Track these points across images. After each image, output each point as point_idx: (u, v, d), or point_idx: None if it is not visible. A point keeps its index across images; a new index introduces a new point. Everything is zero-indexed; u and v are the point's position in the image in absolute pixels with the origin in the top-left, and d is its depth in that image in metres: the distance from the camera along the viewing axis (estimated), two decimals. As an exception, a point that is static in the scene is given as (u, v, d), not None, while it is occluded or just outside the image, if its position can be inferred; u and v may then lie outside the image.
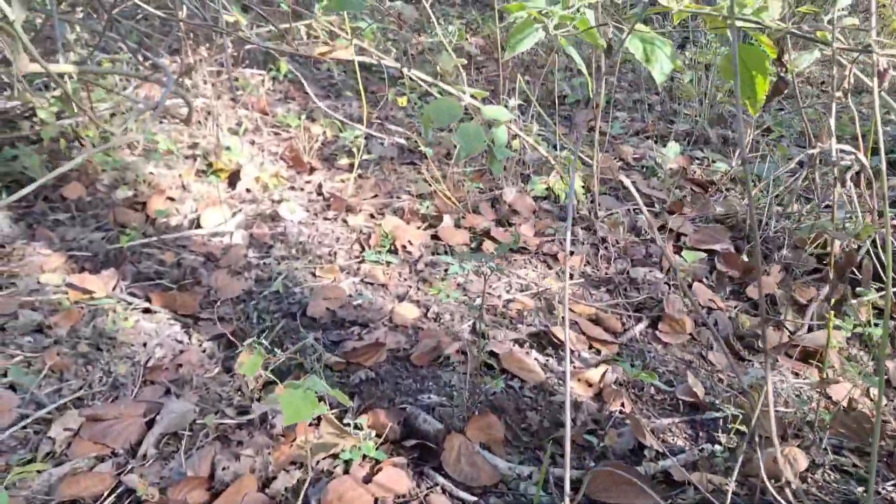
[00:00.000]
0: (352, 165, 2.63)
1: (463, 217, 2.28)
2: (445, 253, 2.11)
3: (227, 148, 2.52)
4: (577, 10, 1.29)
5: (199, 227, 2.21)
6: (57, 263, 1.96)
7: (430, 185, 2.44)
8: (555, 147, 2.64)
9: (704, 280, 1.96)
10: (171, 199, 2.35)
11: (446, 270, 2.00)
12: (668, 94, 3.60)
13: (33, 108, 2.70)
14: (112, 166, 2.35)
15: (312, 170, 2.69)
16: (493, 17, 4.29)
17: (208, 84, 2.94)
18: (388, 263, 2.04)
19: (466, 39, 4.12)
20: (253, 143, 2.87)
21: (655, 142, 3.01)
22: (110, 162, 2.34)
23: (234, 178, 2.52)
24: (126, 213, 2.19)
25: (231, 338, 1.66)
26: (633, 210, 2.35)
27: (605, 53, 1.27)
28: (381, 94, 3.60)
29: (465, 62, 2.82)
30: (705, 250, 2.07)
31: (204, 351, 1.62)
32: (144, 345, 1.63)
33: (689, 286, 1.90)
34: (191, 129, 2.83)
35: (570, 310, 1.82)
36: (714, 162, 2.82)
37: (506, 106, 2.40)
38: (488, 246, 2.12)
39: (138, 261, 2.00)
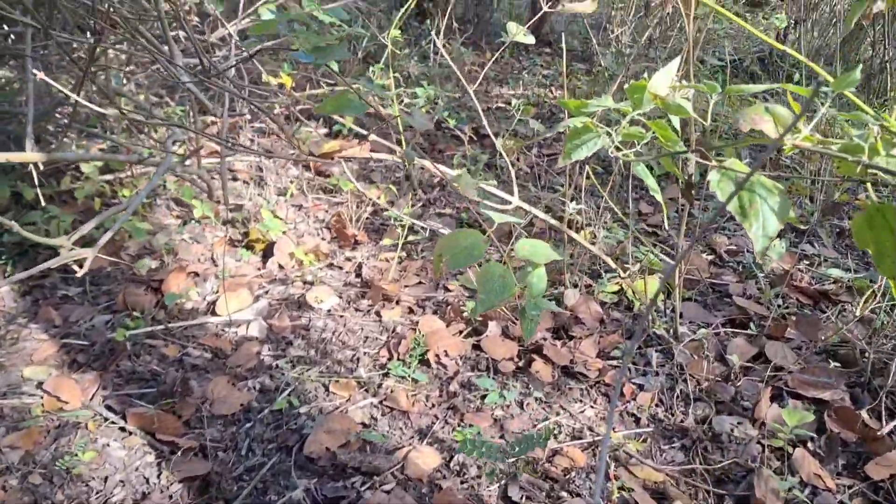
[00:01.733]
0: (399, 244, 2.34)
1: (513, 322, 1.94)
2: (487, 369, 1.77)
3: (264, 221, 2.28)
4: (646, 125, 0.95)
5: (214, 313, 1.97)
6: (48, 352, 1.75)
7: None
8: (623, 240, 2.26)
9: (811, 443, 1.53)
10: (195, 273, 2.12)
11: (483, 397, 1.66)
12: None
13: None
14: (141, 232, 2.15)
15: (357, 243, 2.42)
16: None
17: (256, 141, 2.75)
18: (415, 381, 1.72)
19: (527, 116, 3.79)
20: (300, 207, 2.64)
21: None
22: (137, 229, 2.14)
23: (268, 252, 2.28)
24: (136, 294, 1.97)
25: (206, 481, 1.38)
26: (724, 329, 1.93)
27: (684, 194, 0.92)
28: (450, 154, 3.32)
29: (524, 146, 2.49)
30: (812, 399, 1.64)
31: (170, 497, 1.34)
32: (105, 479, 1.37)
33: (789, 455, 1.48)
34: (237, 190, 2.63)
35: (631, 473, 1.44)
36: (826, 262, 2.35)
37: (571, 200, 2.06)
38: (539, 367, 1.77)
39: (137, 354, 1.76)
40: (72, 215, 2.24)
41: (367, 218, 2.59)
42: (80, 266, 1.29)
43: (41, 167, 1.95)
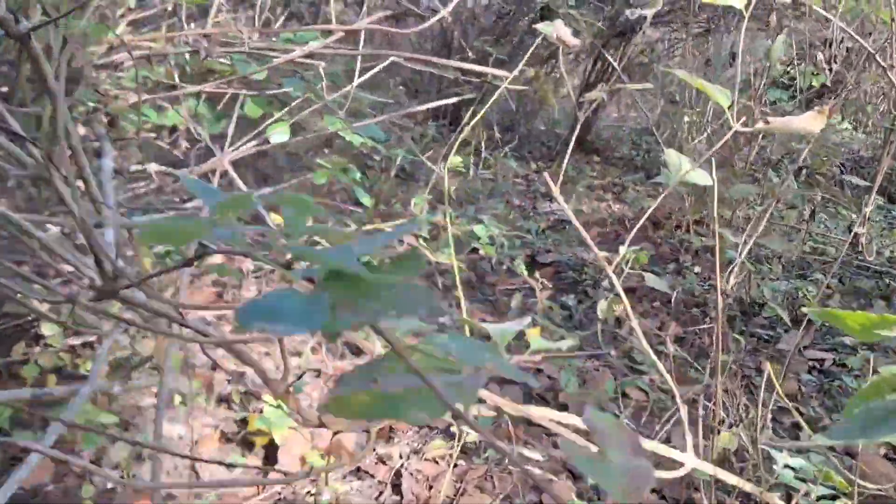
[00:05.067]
0: (451, 437, 1.71)
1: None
2: None
3: (263, 411, 1.67)
4: None
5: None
6: None
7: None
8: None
9: None
10: (170, 496, 1.50)
11: None
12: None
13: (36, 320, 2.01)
14: (91, 440, 1.55)
15: (392, 434, 1.79)
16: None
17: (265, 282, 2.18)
18: None
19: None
20: (318, 374, 2.03)
21: None
22: (88, 437, 1.54)
23: (271, 453, 1.66)
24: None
25: None
26: None
27: None
28: (505, 290, 2.73)
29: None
30: None
31: None
32: None
33: None
34: (246, 347, 2.04)
35: None
36: None
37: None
38: None
39: None
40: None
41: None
42: None
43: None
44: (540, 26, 0.85)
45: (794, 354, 1.56)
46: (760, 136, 3.04)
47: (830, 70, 2.00)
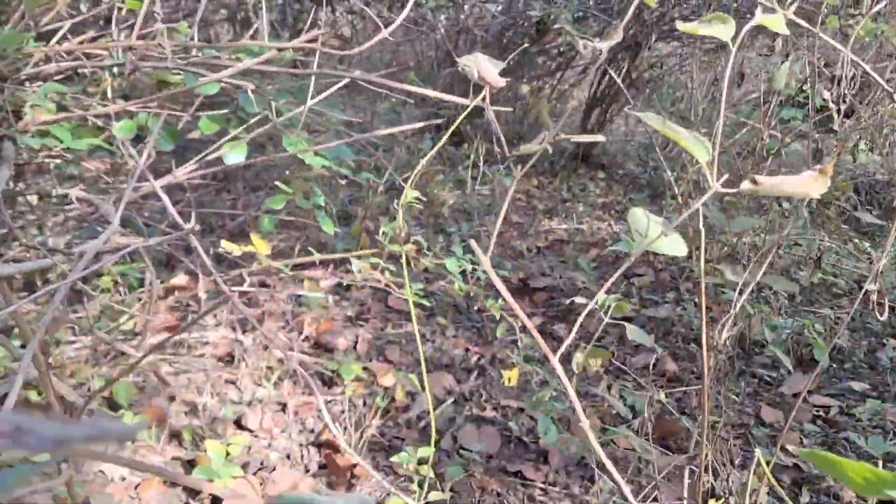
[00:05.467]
0: (421, 474, 1.56)
1: None
2: None
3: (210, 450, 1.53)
4: None
5: None
6: None
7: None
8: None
9: None
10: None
11: None
12: None
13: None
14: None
15: (353, 481, 1.64)
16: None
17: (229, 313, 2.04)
18: None
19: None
20: (283, 407, 1.89)
21: None
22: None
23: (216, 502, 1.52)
24: None
25: None
26: None
27: None
28: (491, 317, 2.58)
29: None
30: None
31: None
32: None
33: None
34: (195, 382, 1.91)
35: None
36: None
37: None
38: None
39: None
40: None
41: (376, 428, 1.83)
42: None
43: None
44: (462, 60, 0.71)
45: (797, 404, 1.41)
46: (769, 159, 2.88)
47: (839, 111, 1.84)
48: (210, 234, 2.77)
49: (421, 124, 1.42)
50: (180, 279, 2.05)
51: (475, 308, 2.53)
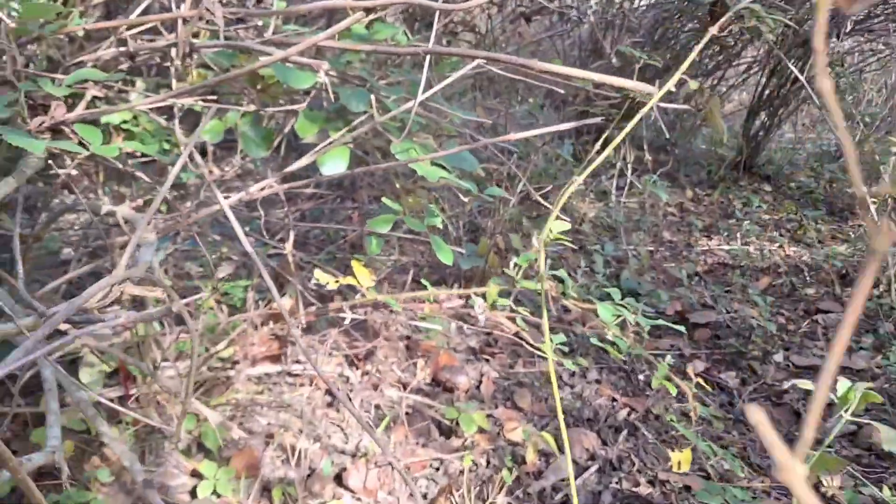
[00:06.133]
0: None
1: None
2: None
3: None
4: None
5: None
6: None
7: None
8: None
9: None
10: None
11: None
12: None
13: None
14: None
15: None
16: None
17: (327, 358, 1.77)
18: None
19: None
20: (389, 465, 1.59)
21: None
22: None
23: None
24: None
25: None
26: None
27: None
28: (652, 354, 2.17)
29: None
30: None
31: None
32: None
33: None
34: (287, 423, 1.65)
35: None
36: None
37: None
38: None
39: None
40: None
41: (503, 499, 1.48)
42: None
43: None
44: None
45: None
46: None
47: None
48: (329, 244, 2.54)
49: (573, 124, 1.07)
50: (285, 302, 1.81)
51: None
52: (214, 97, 1.05)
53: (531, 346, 1.54)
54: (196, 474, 1.46)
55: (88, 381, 1.58)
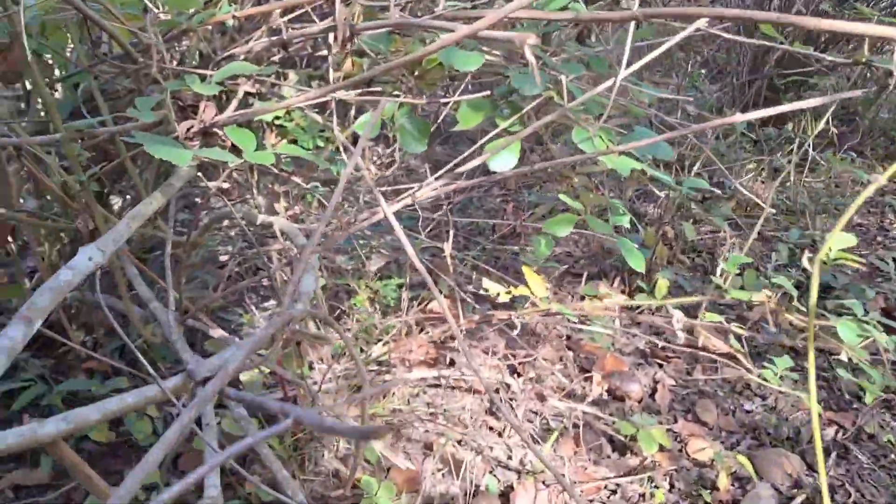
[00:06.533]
0: None
1: None
2: None
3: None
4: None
5: None
6: None
7: None
8: None
9: None
10: None
11: None
12: None
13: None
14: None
15: None
16: None
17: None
18: None
19: None
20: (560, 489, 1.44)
21: None
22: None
23: None
24: None
25: None
26: None
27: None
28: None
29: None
30: None
31: None
32: None
33: None
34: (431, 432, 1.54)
35: None
36: None
37: None
38: None
39: None
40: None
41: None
42: None
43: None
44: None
45: None
46: None
47: None
48: (480, 237, 2.42)
49: (811, 103, 0.85)
50: (443, 301, 1.70)
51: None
52: (371, 88, 0.94)
53: (746, 368, 1.32)
54: (355, 486, 1.38)
55: (246, 380, 1.55)
